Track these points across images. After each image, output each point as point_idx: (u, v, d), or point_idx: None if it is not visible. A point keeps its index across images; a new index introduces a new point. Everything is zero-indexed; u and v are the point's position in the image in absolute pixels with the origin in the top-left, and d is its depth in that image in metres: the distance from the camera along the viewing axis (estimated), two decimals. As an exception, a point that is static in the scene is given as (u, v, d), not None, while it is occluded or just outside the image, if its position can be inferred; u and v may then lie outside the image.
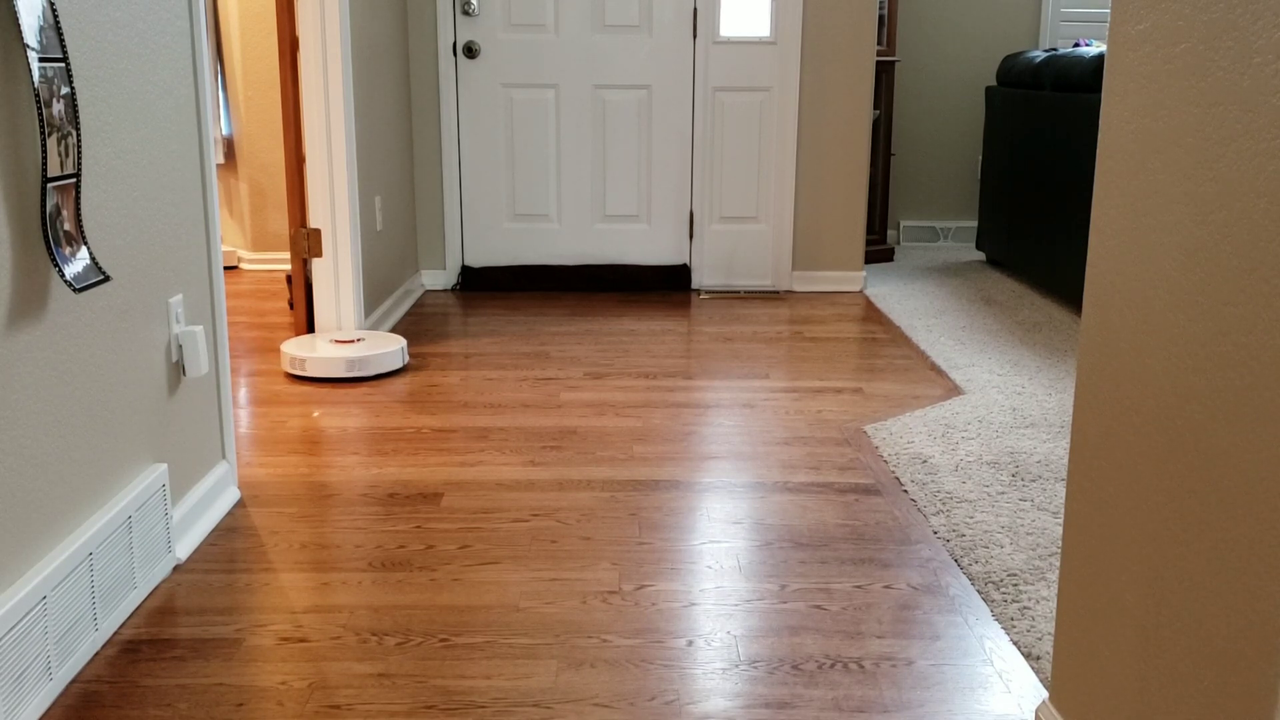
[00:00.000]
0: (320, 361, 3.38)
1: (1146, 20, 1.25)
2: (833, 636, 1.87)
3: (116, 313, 1.91)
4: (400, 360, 3.51)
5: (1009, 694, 1.71)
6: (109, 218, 1.88)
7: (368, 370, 3.41)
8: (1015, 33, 5.73)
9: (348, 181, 3.64)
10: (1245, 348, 1.05)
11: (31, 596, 1.59)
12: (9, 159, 1.55)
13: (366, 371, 3.41)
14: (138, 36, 1.99)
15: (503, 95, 4.60)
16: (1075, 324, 4.09)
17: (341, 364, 3.37)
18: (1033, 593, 2.02)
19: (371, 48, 3.94)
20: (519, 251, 4.74)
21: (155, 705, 1.66)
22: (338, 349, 3.44)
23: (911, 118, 5.78)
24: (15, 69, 1.56)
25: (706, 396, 3.24)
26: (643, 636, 1.87)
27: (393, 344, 3.53)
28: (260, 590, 2.03)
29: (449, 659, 1.79)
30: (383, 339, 3.60)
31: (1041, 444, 2.81)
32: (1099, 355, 1.37)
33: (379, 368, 3.44)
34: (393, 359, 3.47)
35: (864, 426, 2.96)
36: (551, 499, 2.47)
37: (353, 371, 3.39)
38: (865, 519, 2.37)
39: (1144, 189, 1.26)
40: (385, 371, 3.45)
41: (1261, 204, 1.03)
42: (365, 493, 2.50)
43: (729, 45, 4.57)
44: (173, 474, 2.14)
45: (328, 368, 3.38)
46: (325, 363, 3.37)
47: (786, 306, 4.48)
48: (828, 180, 4.68)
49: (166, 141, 2.12)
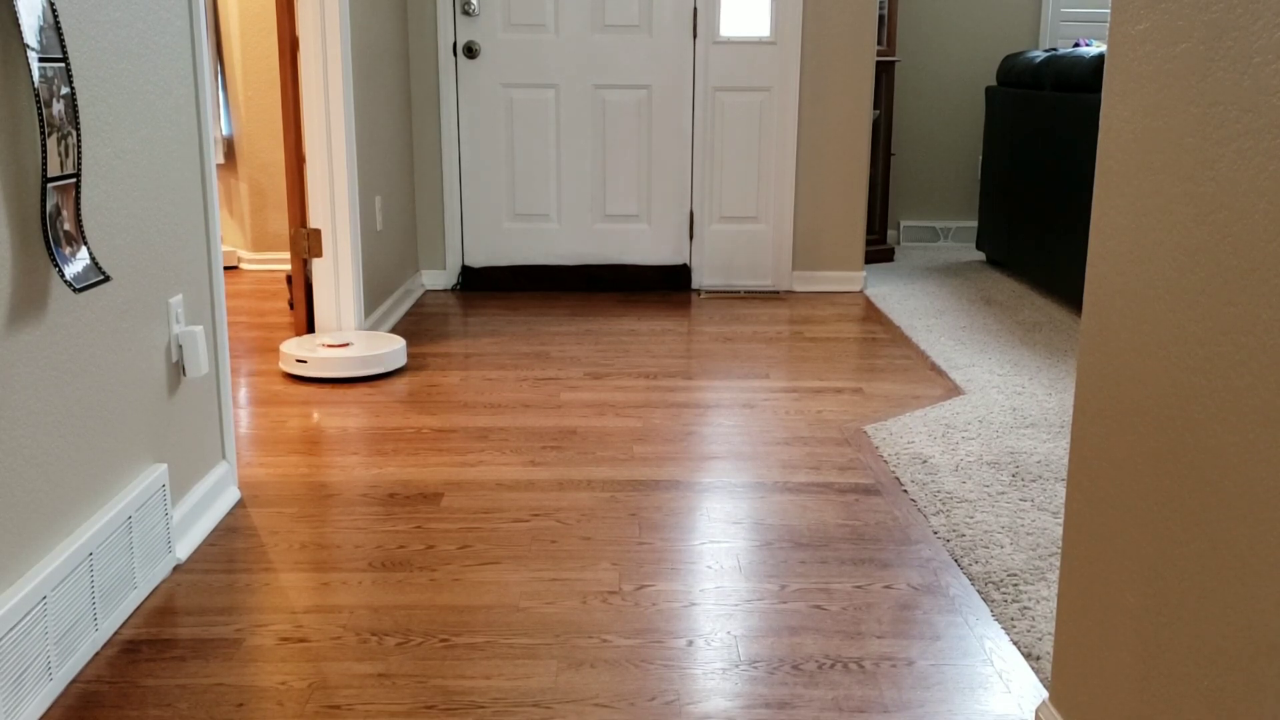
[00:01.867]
0: (323, 362, 3.37)
1: (1146, 20, 1.25)
2: (833, 636, 1.87)
3: (116, 313, 1.91)
4: (401, 359, 3.50)
5: (1009, 694, 1.71)
6: (109, 218, 1.88)
7: (371, 370, 3.41)
8: (1015, 33, 5.73)
9: (348, 181, 3.64)
10: (1245, 348, 1.05)
11: (31, 596, 1.59)
12: (9, 159, 1.55)
13: (370, 370, 3.41)
14: (138, 36, 1.99)
15: (503, 95, 4.60)
16: (1075, 324, 4.09)
17: (355, 363, 3.37)
18: (1033, 593, 2.02)
19: (371, 48, 3.93)
20: (519, 251, 4.74)
21: (155, 705, 1.66)
22: (334, 351, 3.42)
23: (911, 118, 5.78)
24: (15, 69, 1.56)
25: (706, 396, 3.24)
26: (643, 636, 1.87)
27: (390, 344, 3.51)
28: (260, 590, 2.03)
29: (449, 659, 1.79)
30: (376, 339, 3.57)
31: (1041, 444, 2.81)
32: (1099, 355, 1.37)
33: (380, 367, 3.44)
34: (394, 358, 3.47)
35: (864, 426, 2.96)
36: (551, 499, 2.47)
37: (361, 370, 3.38)
38: (865, 519, 2.37)
39: (1144, 189, 1.26)
40: (388, 371, 3.45)
41: (1261, 204, 1.03)
42: (365, 493, 2.50)
43: (729, 45, 4.57)
44: (173, 474, 2.14)
45: (332, 367, 3.37)
46: (329, 363, 3.37)
47: (786, 306, 4.48)
48: (828, 180, 4.68)
49: (166, 141, 2.12)
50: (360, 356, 3.38)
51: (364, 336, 3.61)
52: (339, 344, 3.49)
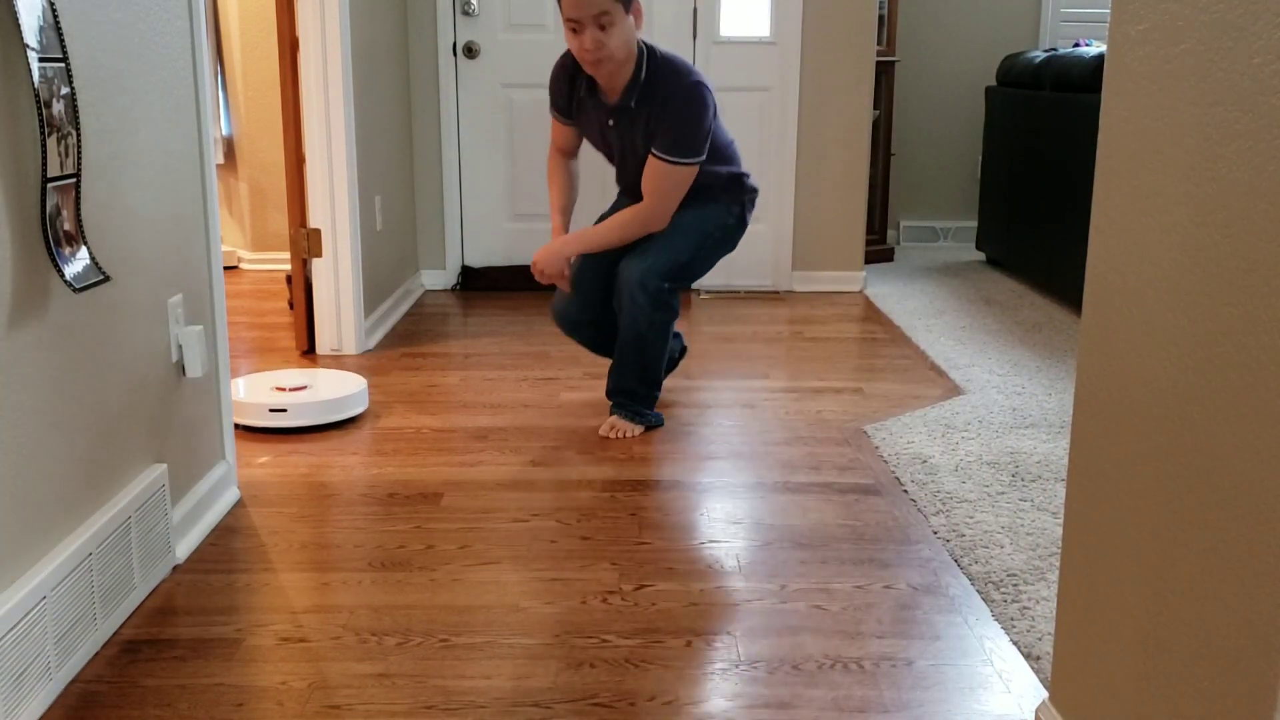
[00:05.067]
0: (251, 408, 2.88)
1: (1146, 20, 1.25)
2: (833, 636, 1.87)
3: (116, 313, 1.91)
4: (362, 404, 3.02)
5: (1009, 694, 1.71)
6: (109, 218, 1.88)
7: (328, 417, 2.90)
8: (1015, 33, 5.73)
9: (348, 181, 3.64)
10: (1245, 348, 1.05)
11: (31, 596, 1.59)
12: (9, 159, 1.55)
13: (326, 419, 2.90)
14: (138, 36, 1.99)
15: (503, 95, 4.60)
16: (1075, 324, 4.09)
17: (314, 409, 2.88)
18: (1033, 593, 2.02)
19: (371, 48, 3.94)
20: (519, 251, 4.74)
21: (155, 705, 1.66)
22: (285, 397, 2.91)
23: (911, 118, 5.78)
24: (15, 69, 1.56)
25: (706, 396, 3.24)
26: (643, 636, 1.87)
27: (349, 385, 3.03)
28: (260, 590, 2.03)
29: (449, 659, 1.79)
30: (336, 382, 3.07)
31: (1041, 444, 2.81)
32: (1099, 355, 1.37)
33: (337, 413, 2.93)
34: (354, 402, 2.98)
35: (864, 426, 2.96)
36: (551, 499, 2.47)
37: (318, 418, 2.89)
38: (865, 519, 2.37)
39: (1144, 189, 1.26)
40: (343, 419, 2.95)
41: (1261, 204, 1.03)
42: (365, 493, 2.50)
43: (729, 45, 4.57)
44: (173, 474, 2.14)
45: (259, 415, 2.87)
46: (256, 409, 2.88)
47: (786, 306, 4.48)
48: (828, 180, 4.68)
49: (166, 141, 2.12)
50: (318, 402, 2.91)
51: (323, 378, 3.11)
52: (295, 386, 3.00)
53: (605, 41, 2.64)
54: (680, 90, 2.73)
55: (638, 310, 2.77)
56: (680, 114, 2.73)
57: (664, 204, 2.79)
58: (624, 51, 2.69)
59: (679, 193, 2.80)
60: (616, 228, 2.83)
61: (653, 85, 2.74)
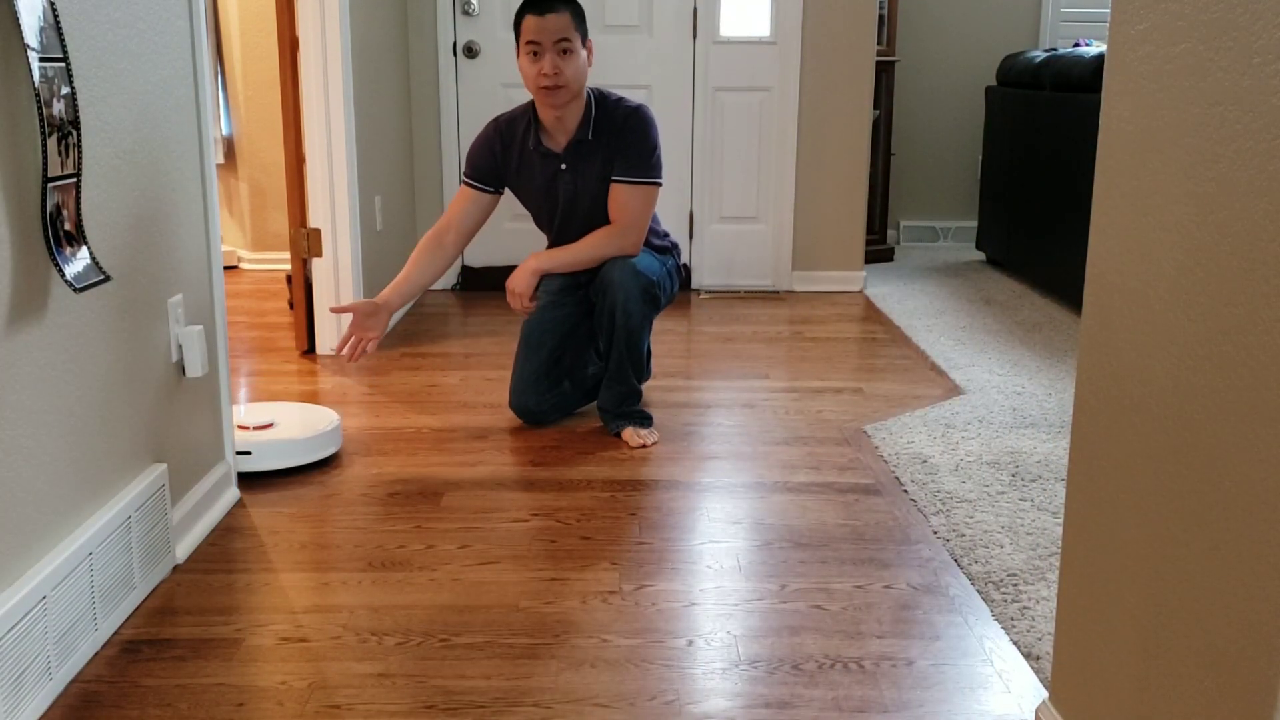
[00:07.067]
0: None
1: (1146, 20, 1.25)
2: (833, 636, 1.87)
3: (116, 313, 1.91)
4: (335, 442, 2.67)
5: (1009, 694, 1.71)
6: (109, 218, 1.88)
7: (296, 459, 2.58)
8: (1015, 33, 5.72)
9: (348, 181, 3.64)
10: (1246, 348, 1.05)
11: (31, 596, 1.59)
12: (9, 159, 1.55)
13: (294, 461, 2.58)
14: (138, 36, 1.99)
15: (503, 95, 4.60)
16: (1075, 324, 4.09)
17: (283, 449, 2.56)
18: (1033, 593, 2.02)
19: (371, 48, 3.93)
20: (519, 252, 4.73)
21: (155, 705, 1.66)
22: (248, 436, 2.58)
23: (911, 118, 5.78)
24: (15, 69, 1.56)
25: (706, 396, 3.24)
26: (643, 636, 1.87)
27: (321, 422, 2.66)
28: (260, 590, 2.03)
29: (449, 659, 1.79)
30: (306, 416, 2.73)
31: (1041, 444, 2.81)
32: (1099, 355, 1.37)
33: (307, 455, 2.59)
34: (323, 444, 2.63)
35: (864, 426, 2.96)
36: (551, 499, 2.47)
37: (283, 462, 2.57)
38: (865, 519, 2.37)
39: (1144, 189, 1.26)
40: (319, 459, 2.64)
41: (1261, 204, 1.03)
42: (365, 493, 2.49)
43: (729, 45, 4.57)
44: (173, 474, 2.14)
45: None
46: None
47: (786, 306, 4.48)
48: (828, 180, 4.68)
49: (166, 141, 2.12)
50: (283, 441, 2.57)
51: (287, 414, 2.75)
52: (260, 425, 2.65)
53: (563, 69, 2.70)
54: (632, 114, 2.83)
55: (630, 300, 2.77)
56: (637, 133, 2.81)
57: (636, 223, 2.82)
58: (578, 84, 2.76)
59: (647, 214, 2.84)
60: (589, 246, 2.84)
61: (607, 115, 2.82)
